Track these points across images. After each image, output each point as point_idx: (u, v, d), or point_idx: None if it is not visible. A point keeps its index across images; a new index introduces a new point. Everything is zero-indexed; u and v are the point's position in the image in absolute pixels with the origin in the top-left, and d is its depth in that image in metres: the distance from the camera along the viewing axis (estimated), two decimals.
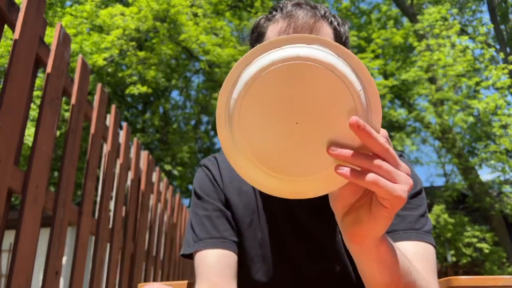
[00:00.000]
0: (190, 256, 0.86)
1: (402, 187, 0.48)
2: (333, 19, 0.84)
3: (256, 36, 0.88)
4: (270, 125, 0.46)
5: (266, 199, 0.87)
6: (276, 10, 0.85)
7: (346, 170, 0.47)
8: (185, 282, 0.92)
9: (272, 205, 0.87)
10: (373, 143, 0.47)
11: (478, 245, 8.80)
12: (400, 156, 0.91)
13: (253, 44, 0.90)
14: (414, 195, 0.83)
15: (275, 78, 0.46)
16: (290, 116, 0.46)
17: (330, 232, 0.84)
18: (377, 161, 0.47)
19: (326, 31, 0.81)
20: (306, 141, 0.47)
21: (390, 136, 9.85)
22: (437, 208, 8.82)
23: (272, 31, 0.83)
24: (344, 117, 0.46)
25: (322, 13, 0.82)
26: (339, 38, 0.84)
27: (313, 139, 0.47)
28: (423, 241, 0.77)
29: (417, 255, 0.73)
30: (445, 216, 8.66)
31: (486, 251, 8.68)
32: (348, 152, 0.47)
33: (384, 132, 0.50)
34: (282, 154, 0.47)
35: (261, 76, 0.46)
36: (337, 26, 0.84)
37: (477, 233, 8.90)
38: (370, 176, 0.46)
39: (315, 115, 0.46)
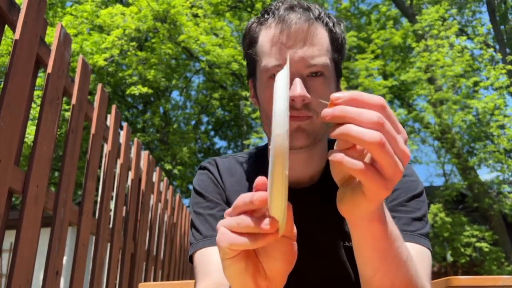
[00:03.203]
0: None
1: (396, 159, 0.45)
2: (328, 19, 0.81)
3: (249, 42, 0.84)
4: None
5: None
6: (268, 13, 0.81)
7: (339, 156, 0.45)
8: (186, 282, 0.93)
9: None
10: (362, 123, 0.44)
11: (477, 244, 8.80)
12: None
13: (246, 50, 0.86)
14: (412, 197, 0.81)
15: None
16: None
17: (331, 238, 0.83)
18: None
19: (322, 34, 0.78)
20: None
21: None
22: (434, 207, 8.83)
23: (264, 37, 0.80)
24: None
25: (316, 15, 0.79)
26: (335, 40, 0.81)
27: None
28: (418, 243, 0.75)
29: None
30: (442, 215, 8.67)
31: (486, 249, 8.68)
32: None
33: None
34: None
35: None
36: (332, 28, 0.81)
37: (476, 233, 8.90)
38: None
39: None
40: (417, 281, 0.60)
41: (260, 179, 0.47)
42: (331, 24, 0.81)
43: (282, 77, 0.47)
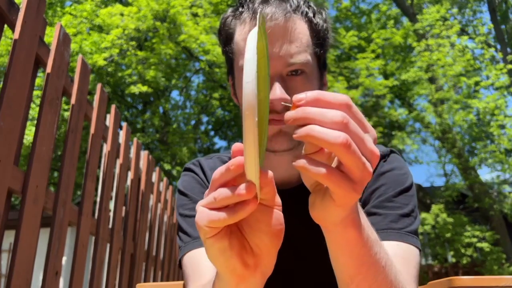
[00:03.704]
0: None
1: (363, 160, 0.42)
2: (307, 10, 0.75)
3: (225, 39, 0.80)
4: None
5: None
6: (243, 6, 0.76)
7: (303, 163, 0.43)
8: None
9: None
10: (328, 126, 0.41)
11: (478, 244, 8.79)
12: (392, 152, 0.86)
13: (223, 47, 0.82)
14: (400, 192, 0.77)
15: None
16: None
17: (319, 239, 0.81)
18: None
19: (301, 28, 0.73)
20: None
21: (391, 136, 9.87)
22: (435, 208, 8.82)
23: (240, 34, 0.75)
24: None
25: (295, 6, 0.73)
26: (316, 32, 0.76)
27: None
28: (405, 241, 0.71)
29: (396, 256, 0.65)
30: (444, 215, 8.65)
31: (487, 249, 8.66)
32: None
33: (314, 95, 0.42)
34: None
35: None
36: (312, 18, 0.76)
37: (477, 233, 8.90)
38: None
39: None
40: (397, 287, 0.57)
41: (236, 145, 0.43)
42: (311, 15, 0.76)
43: (252, 32, 0.45)
